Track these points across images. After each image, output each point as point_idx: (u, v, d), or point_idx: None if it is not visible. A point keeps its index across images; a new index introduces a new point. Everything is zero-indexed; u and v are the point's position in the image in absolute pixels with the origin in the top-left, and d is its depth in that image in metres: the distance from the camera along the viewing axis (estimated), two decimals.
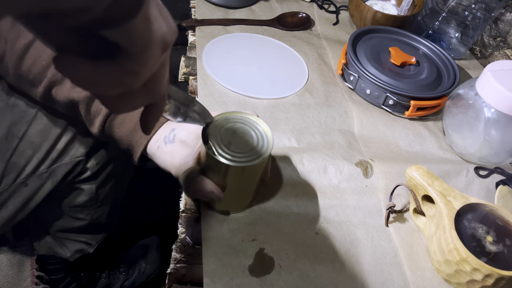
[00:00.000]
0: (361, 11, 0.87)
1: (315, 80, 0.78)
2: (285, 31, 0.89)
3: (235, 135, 0.48)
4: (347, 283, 0.50)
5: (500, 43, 0.91)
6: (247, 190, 0.52)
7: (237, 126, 0.49)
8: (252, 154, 0.47)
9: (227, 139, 0.47)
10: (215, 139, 0.47)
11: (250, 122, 0.50)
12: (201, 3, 0.91)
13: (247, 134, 0.49)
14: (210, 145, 0.46)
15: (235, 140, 0.48)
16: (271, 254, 0.51)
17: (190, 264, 0.50)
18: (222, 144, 0.47)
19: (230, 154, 0.46)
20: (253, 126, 0.50)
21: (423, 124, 0.74)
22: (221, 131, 0.48)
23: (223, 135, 0.48)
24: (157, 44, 0.28)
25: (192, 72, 0.76)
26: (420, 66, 0.79)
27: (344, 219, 0.57)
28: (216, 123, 0.48)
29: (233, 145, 0.47)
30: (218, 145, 0.47)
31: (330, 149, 0.65)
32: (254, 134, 0.49)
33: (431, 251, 0.54)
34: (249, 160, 0.46)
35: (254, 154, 0.47)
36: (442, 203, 0.52)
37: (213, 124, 0.48)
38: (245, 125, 0.50)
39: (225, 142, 0.47)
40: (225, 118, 0.49)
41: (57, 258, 0.90)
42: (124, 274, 1.03)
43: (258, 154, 0.47)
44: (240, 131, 0.49)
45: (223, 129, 0.48)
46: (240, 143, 0.48)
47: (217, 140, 0.47)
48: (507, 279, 0.48)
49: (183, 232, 0.52)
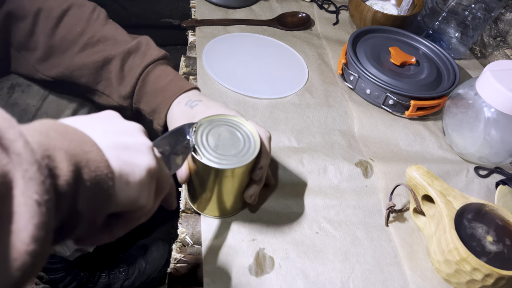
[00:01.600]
0: (361, 11, 0.87)
1: (315, 80, 0.78)
2: (285, 31, 0.89)
3: (221, 138, 0.48)
4: (347, 282, 0.50)
5: (500, 43, 0.91)
6: (236, 193, 0.52)
7: (222, 129, 0.49)
8: (240, 156, 0.47)
9: (214, 142, 0.47)
10: (201, 143, 0.47)
11: (235, 124, 0.50)
12: (201, 3, 0.91)
13: (234, 136, 0.49)
14: (197, 149, 0.46)
15: (222, 143, 0.47)
16: (271, 254, 0.51)
17: (190, 264, 0.50)
18: (209, 147, 0.47)
19: (217, 157, 0.46)
20: (238, 127, 0.50)
21: (423, 124, 0.74)
22: (207, 135, 0.48)
23: (209, 139, 0.47)
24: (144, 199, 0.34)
25: (192, 72, 0.76)
26: (420, 66, 0.79)
27: (344, 219, 0.57)
28: (201, 128, 0.48)
29: (220, 148, 0.47)
30: (205, 149, 0.46)
31: (330, 149, 0.65)
32: (240, 136, 0.49)
33: (431, 251, 0.54)
34: (238, 161, 0.46)
35: (242, 155, 0.47)
36: (442, 203, 0.52)
37: (198, 129, 0.48)
38: (231, 127, 0.49)
39: (211, 146, 0.47)
40: (209, 121, 0.49)
41: (57, 257, 0.90)
42: (124, 274, 1.03)
43: (246, 155, 0.47)
44: (225, 133, 0.49)
45: (208, 133, 0.48)
46: (227, 145, 0.47)
47: (203, 144, 0.47)
48: (507, 278, 0.48)
49: (183, 232, 0.52)
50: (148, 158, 0.33)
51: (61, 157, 0.25)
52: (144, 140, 0.35)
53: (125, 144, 0.32)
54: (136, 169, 0.32)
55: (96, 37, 0.58)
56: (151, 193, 0.34)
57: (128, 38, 0.59)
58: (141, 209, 0.34)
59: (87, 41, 0.57)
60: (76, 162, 0.26)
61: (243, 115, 0.54)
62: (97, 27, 0.58)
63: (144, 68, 0.56)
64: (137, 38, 0.59)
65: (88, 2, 0.61)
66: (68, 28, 0.57)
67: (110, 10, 0.64)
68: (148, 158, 0.33)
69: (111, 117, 0.36)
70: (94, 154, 0.28)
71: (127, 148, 0.32)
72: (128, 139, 0.33)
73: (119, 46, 0.57)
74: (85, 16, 0.59)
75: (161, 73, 0.57)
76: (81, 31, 0.57)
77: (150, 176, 0.33)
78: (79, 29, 0.57)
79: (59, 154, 0.25)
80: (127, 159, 0.31)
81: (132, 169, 0.32)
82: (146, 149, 0.34)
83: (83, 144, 0.28)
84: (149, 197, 0.34)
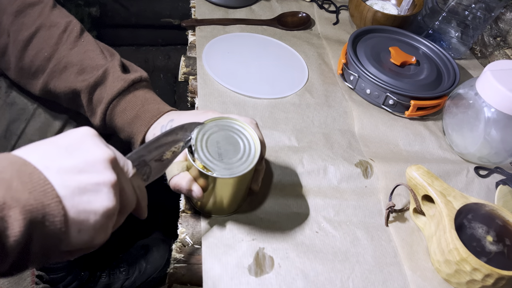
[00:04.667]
0: (361, 11, 0.87)
1: (315, 80, 0.78)
2: (285, 30, 0.89)
3: (220, 145, 0.48)
4: (347, 282, 0.50)
5: (501, 42, 0.91)
6: (242, 192, 0.52)
7: (221, 134, 0.49)
8: (242, 162, 0.47)
9: (215, 151, 0.47)
10: (203, 154, 0.46)
11: (233, 128, 0.50)
12: (201, 3, 0.91)
13: (233, 142, 0.48)
14: (199, 162, 0.46)
15: (223, 151, 0.47)
16: (271, 254, 0.51)
17: (190, 264, 0.50)
18: (211, 157, 0.46)
19: (220, 166, 0.46)
20: (236, 131, 0.49)
21: (423, 124, 0.74)
22: (206, 144, 0.47)
23: (209, 148, 0.47)
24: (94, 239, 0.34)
25: (192, 72, 0.76)
26: (420, 66, 0.79)
27: (344, 219, 0.57)
28: (199, 136, 0.47)
29: (223, 156, 0.47)
30: (209, 159, 0.46)
31: (330, 149, 0.65)
32: (240, 140, 0.49)
33: (431, 251, 0.54)
34: (244, 167, 0.46)
35: (244, 161, 0.47)
36: (442, 203, 0.52)
37: (197, 137, 0.47)
38: (229, 132, 0.49)
39: (214, 155, 0.47)
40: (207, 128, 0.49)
41: None
42: (125, 273, 1.03)
43: (248, 161, 0.47)
44: (223, 138, 0.48)
45: (208, 142, 0.47)
46: (229, 152, 0.47)
47: (205, 154, 0.46)
48: (507, 279, 0.48)
49: (183, 232, 0.52)
50: (108, 199, 0.33)
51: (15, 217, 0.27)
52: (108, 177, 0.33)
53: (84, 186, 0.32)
54: (91, 215, 0.32)
55: (63, 63, 0.55)
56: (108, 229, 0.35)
57: (98, 61, 0.55)
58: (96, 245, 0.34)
59: (54, 68, 0.55)
60: (31, 219, 0.28)
61: (242, 115, 0.53)
62: (65, 51, 0.55)
63: (108, 104, 0.53)
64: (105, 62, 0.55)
65: (60, 21, 0.57)
66: (36, 52, 0.55)
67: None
68: (108, 199, 0.33)
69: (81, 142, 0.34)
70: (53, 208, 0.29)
71: (85, 191, 0.32)
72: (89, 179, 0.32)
73: (84, 76, 0.54)
74: (54, 39, 0.55)
75: (127, 106, 0.53)
76: (48, 56, 0.55)
77: (107, 217, 0.33)
78: (46, 54, 0.55)
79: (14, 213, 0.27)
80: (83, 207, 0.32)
81: (87, 217, 0.32)
82: (107, 189, 0.33)
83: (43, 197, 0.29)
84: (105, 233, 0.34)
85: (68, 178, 0.31)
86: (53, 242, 0.30)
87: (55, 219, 0.29)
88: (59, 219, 0.30)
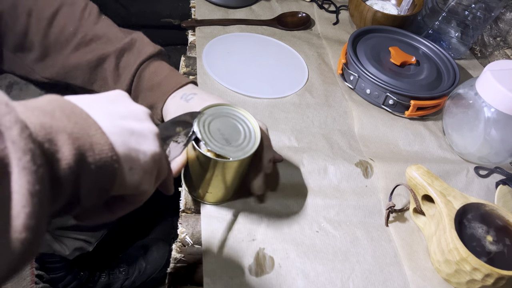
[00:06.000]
0: (361, 11, 0.87)
1: (315, 79, 0.78)
2: (285, 30, 0.89)
3: (223, 129, 0.48)
4: (347, 282, 0.50)
5: (500, 42, 0.91)
6: (238, 180, 0.52)
7: (223, 120, 0.49)
8: (244, 146, 0.48)
9: (218, 133, 0.48)
10: (205, 134, 0.47)
11: (234, 114, 0.50)
12: (201, 3, 0.91)
13: (232, 125, 0.49)
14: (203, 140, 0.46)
15: (225, 134, 0.48)
16: (271, 254, 0.51)
17: (190, 264, 0.50)
18: (213, 139, 0.47)
19: (231, 150, 0.47)
20: (230, 115, 0.50)
21: (423, 124, 0.74)
22: (209, 125, 0.48)
23: (212, 129, 0.48)
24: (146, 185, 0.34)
25: (192, 71, 0.76)
26: (420, 66, 0.79)
27: (344, 219, 0.57)
28: (203, 118, 0.48)
29: (225, 139, 0.47)
30: (210, 140, 0.47)
31: (330, 149, 0.65)
32: (236, 123, 0.49)
33: (431, 250, 0.54)
34: (243, 152, 0.47)
35: (245, 145, 0.48)
36: (442, 202, 0.52)
37: (200, 119, 0.48)
38: (225, 117, 0.50)
39: (216, 137, 0.47)
40: (211, 111, 0.49)
41: (57, 257, 0.90)
42: (124, 273, 1.03)
43: (252, 139, 0.48)
44: (227, 124, 0.49)
45: (210, 123, 0.48)
46: (231, 136, 0.48)
47: (207, 135, 0.47)
48: (507, 278, 0.48)
49: (183, 232, 0.52)
50: (154, 144, 0.34)
51: (63, 141, 0.26)
52: (151, 126, 0.35)
53: (131, 129, 0.32)
54: (141, 155, 0.32)
55: (89, 36, 0.58)
56: (153, 178, 0.35)
57: (122, 34, 0.59)
58: (143, 193, 0.34)
59: (80, 41, 0.57)
60: (79, 146, 0.26)
61: None
62: (89, 26, 0.58)
63: (139, 65, 0.56)
64: (130, 35, 0.59)
65: (79, 0, 0.60)
66: (61, 28, 0.57)
67: (110, 10, 0.64)
68: (154, 145, 0.34)
69: (119, 97, 0.36)
70: (98, 138, 0.28)
71: (133, 134, 0.32)
72: (135, 124, 0.33)
73: (112, 44, 0.57)
74: (77, 15, 0.58)
75: (156, 69, 0.57)
76: (73, 31, 0.57)
77: (154, 162, 0.34)
78: (72, 29, 0.57)
79: (62, 138, 0.26)
80: (133, 145, 0.32)
81: (137, 155, 0.32)
82: (152, 135, 0.34)
83: (87, 128, 0.28)
84: (151, 182, 0.35)
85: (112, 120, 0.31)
86: (107, 178, 0.29)
87: (103, 148, 0.28)
88: (108, 147, 0.28)
